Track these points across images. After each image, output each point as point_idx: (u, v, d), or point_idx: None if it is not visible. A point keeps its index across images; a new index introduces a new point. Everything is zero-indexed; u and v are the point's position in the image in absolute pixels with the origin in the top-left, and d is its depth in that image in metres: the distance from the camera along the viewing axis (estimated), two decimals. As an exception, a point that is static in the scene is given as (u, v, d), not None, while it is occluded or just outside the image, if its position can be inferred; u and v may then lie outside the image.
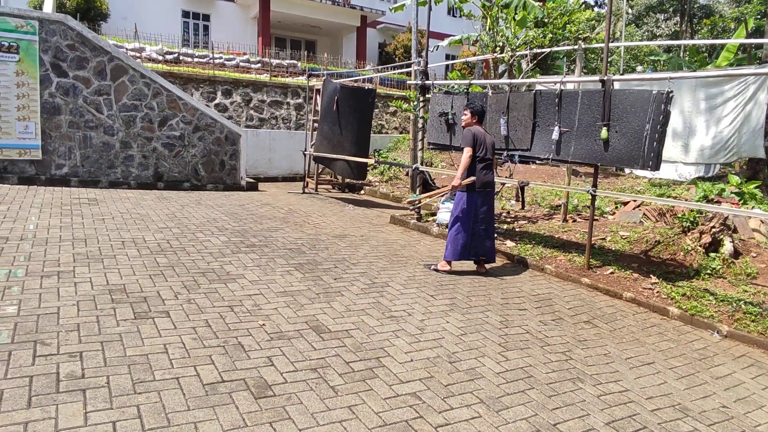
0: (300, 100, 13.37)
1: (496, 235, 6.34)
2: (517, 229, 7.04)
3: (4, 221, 5.74)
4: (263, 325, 3.78)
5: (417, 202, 6.91)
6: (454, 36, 11.10)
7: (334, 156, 9.31)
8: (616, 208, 7.94)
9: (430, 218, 7.78)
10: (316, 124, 10.40)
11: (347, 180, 10.88)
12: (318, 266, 5.17)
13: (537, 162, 6.26)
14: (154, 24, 18.25)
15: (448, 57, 26.72)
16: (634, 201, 7.56)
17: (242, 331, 3.68)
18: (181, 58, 14.35)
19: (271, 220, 7.15)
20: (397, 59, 22.35)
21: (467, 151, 4.96)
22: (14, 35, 8.01)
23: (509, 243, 6.39)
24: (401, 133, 15.05)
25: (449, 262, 5.22)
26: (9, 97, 8.07)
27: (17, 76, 8.09)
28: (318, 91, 10.87)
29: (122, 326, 3.59)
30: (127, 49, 13.86)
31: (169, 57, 14.32)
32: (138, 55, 13.90)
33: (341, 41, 23.84)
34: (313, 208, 8.48)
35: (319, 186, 10.72)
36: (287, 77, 15.35)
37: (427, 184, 9.32)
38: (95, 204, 7.02)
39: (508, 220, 7.68)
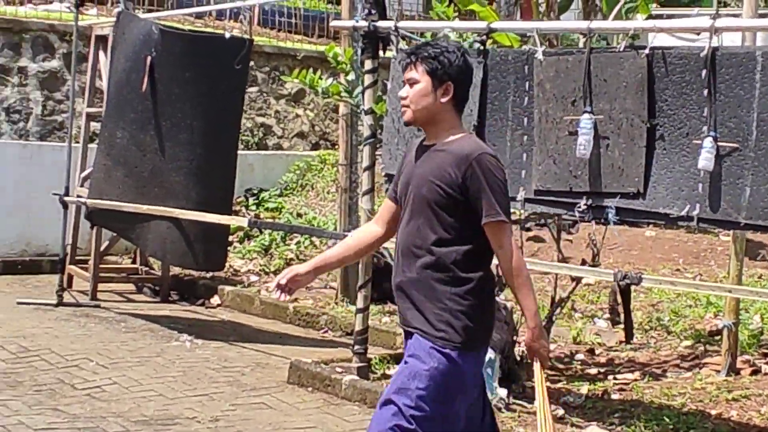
0: (55, 64, 13.47)
1: (562, 413, 6.79)
2: (615, 395, 7.17)
3: None
4: None
5: None
6: None
7: (145, 209, 9.40)
8: None
9: (393, 369, 7.75)
10: (97, 125, 10.55)
11: (177, 271, 10.98)
12: None
13: (658, 223, 6.85)
14: None
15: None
16: None
17: None
18: None
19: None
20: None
21: (508, 233, 4.46)
22: None
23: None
24: (316, 147, 15.26)
25: None
26: None
27: None
28: (104, 41, 10.76)
29: None
30: None
31: None
32: None
33: None
34: (87, 347, 8.46)
35: (103, 286, 10.77)
36: (22, 4, 15.11)
37: (386, 279, 9.07)
38: None
39: (594, 370, 7.84)
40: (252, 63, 13.31)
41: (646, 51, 6.02)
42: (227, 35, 9.90)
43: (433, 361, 4.24)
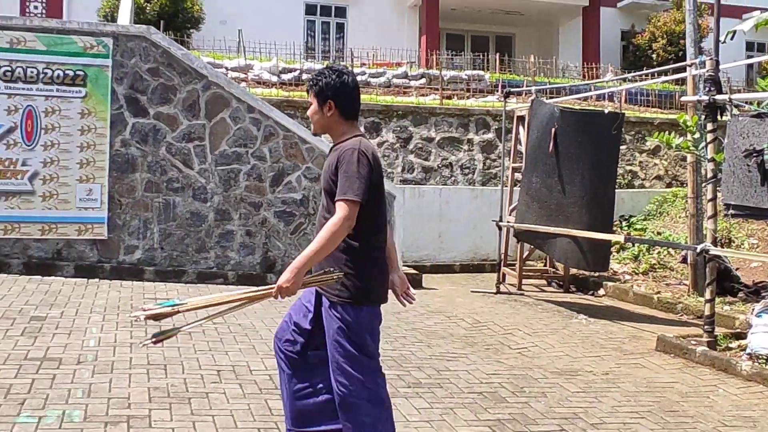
0: (490, 136, 14.13)
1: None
2: None
3: (56, 334, 6.63)
4: None
5: (163, 315, 3.97)
6: (764, 10, 10.65)
7: (552, 230, 9.66)
8: None
9: (734, 343, 7.68)
10: (519, 176, 11.00)
11: (574, 271, 11.21)
12: (530, 426, 5.30)
13: None
14: (265, 28, 20.22)
15: (751, 47, 25.60)
16: None
17: None
18: (304, 76, 15.99)
19: (446, 341, 7.56)
20: (655, 58, 22.11)
21: (345, 209, 3.94)
22: (81, 60, 9.51)
23: None
24: (669, 185, 15.04)
25: None
26: (70, 149, 9.51)
27: (82, 119, 9.54)
28: (522, 119, 11.35)
29: None
30: (227, 68, 15.66)
31: (286, 76, 15.96)
32: (244, 76, 15.58)
33: (555, 33, 24.53)
34: (516, 321, 8.79)
35: (524, 281, 11.11)
36: (468, 98, 16.18)
37: (725, 278, 8.85)
38: (178, 308, 8.00)
39: None
40: (623, 129, 13.35)
41: None
42: (605, 111, 10.10)
43: (333, 315, 4.02)
